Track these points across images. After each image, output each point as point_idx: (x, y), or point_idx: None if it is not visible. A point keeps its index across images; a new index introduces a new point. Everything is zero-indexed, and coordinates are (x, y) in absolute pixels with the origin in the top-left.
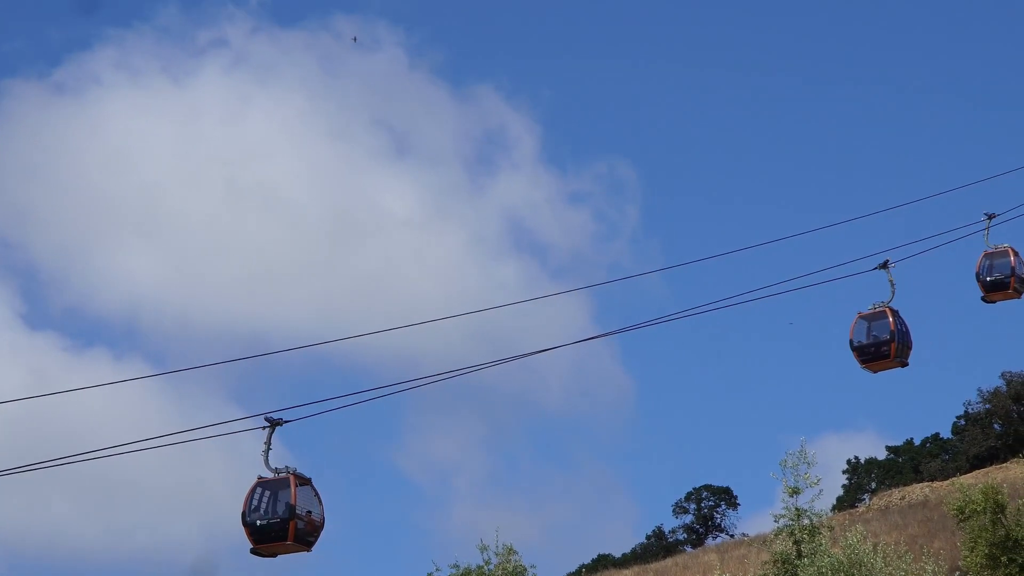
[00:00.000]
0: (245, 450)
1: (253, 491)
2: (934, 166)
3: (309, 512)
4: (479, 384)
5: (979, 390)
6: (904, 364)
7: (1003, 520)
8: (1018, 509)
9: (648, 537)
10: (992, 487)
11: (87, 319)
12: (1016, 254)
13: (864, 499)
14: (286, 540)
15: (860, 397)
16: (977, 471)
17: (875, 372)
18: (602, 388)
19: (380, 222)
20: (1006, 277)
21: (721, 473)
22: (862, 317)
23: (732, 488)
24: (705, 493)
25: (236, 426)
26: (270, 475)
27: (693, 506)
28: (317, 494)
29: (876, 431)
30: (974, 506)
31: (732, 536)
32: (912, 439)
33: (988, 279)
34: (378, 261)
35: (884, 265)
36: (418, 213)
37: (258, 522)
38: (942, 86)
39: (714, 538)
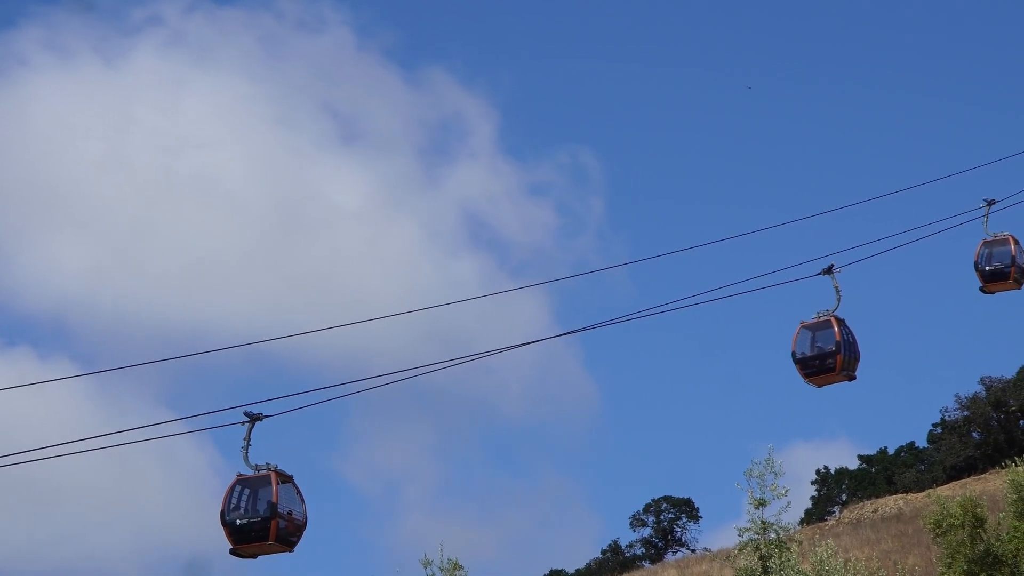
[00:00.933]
0: (182, 458)
1: (232, 489)
2: (919, 158)
3: (291, 511)
4: (433, 387)
5: (957, 396)
6: (851, 378)
7: (982, 535)
8: (998, 523)
9: (604, 552)
10: (971, 500)
11: (12, 315)
12: (1016, 242)
13: (834, 512)
14: (267, 540)
15: (832, 404)
16: (955, 482)
17: (819, 386)
18: (564, 393)
19: (327, 214)
20: (1006, 267)
21: (683, 484)
22: (805, 327)
23: (693, 500)
24: (665, 505)
25: (210, 422)
26: (250, 472)
27: (652, 519)
28: (299, 492)
29: (849, 439)
30: (952, 520)
31: (693, 551)
32: (886, 448)
33: (987, 268)
34: (324, 256)
35: (829, 270)
36: (367, 205)
37: (238, 521)
38: (923, 78)
39: (674, 553)
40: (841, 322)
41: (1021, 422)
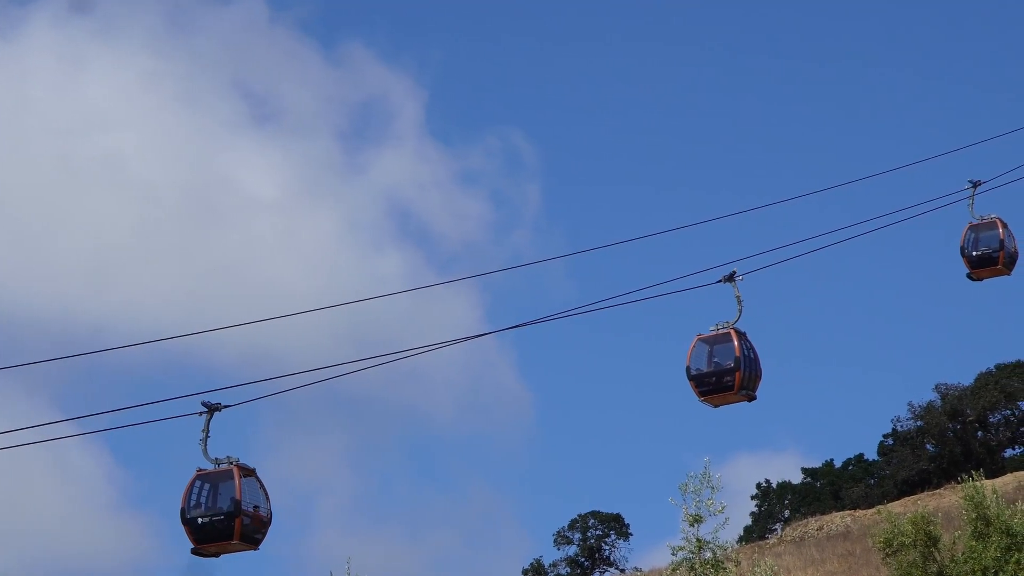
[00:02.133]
0: (72, 461)
1: (192, 485)
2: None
3: (256, 507)
4: (353, 392)
5: (910, 404)
6: (751, 398)
7: (936, 555)
8: (953, 543)
9: (525, 572)
10: (924, 517)
11: None
12: (1005, 226)
13: (776, 529)
14: (231, 539)
15: (781, 413)
16: (907, 498)
17: (716, 406)
18: (496, 399)
19: (239, 202)
20: (994, 251)
21: (612, 498)
22: (702, 340)
23: (623, 515)
24: (592, 521)
25: (172, 411)
26: (210, 467)
27: (578, 535)
28: (263, 486)
29: (798, 451)
30: (903, 538)
31: (623, 570)
32: (832, 461)
33: (974, 254)
34: (237, 247)
35: (731, 277)
36: (283, 192)
37: (199, 519)
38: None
39: (601, 573)
40: (742, 335)
41: (979, 433)
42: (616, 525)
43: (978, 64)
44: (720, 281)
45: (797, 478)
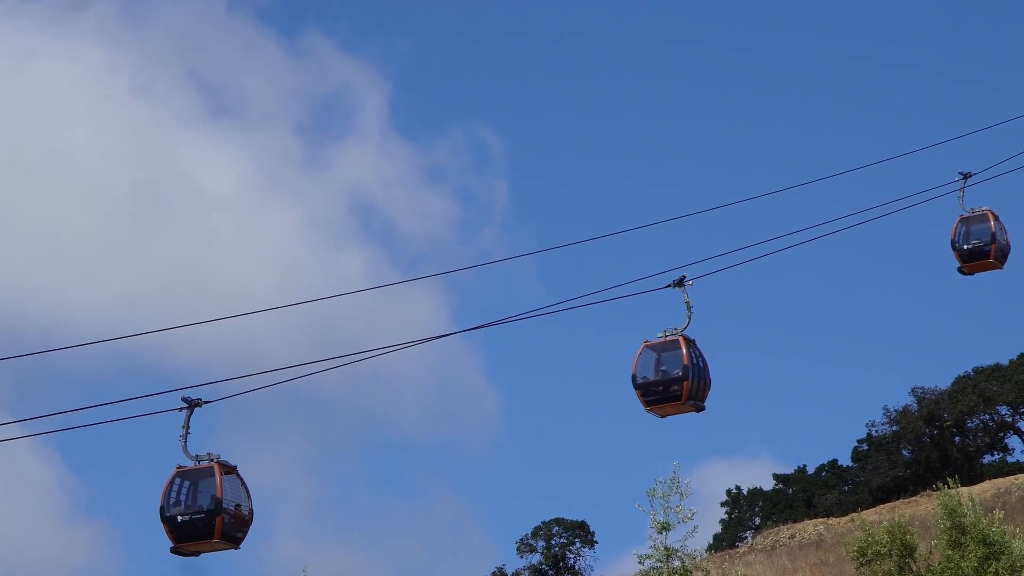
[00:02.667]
0: (20, 464)
1: (172, 482)
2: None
3: (237, 505)
4: (314, 394)
5: (885, 409)
6: (700, 408)
7: (912, 565)
8: (930, 552)
9: None
10: (899, 525)
11: None
12: (996, 218)
13: (746, 537)
14: (212, 537)
15: (752, 417)
16: (882, 505)
17: (663, 416)
18: (462, 403)
19: (195, 198)
20: (985, 245)
21: (577, 504)
22: (649, 347)
23: (588, 522)
24: (556, 528)
25: (153, 406)
26: (190, 464)
27: (541, 543)
28: (244, 484)
29: (771, 457)
30: (878, 547)
31: None
32: (805, 466)
33: (965, 247)
34: (192, 245)
35: (680, 282)
36: (241, 188)
37: (179, 517)
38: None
39: None
40: (691, 343)
41: (957, 439)
42: (581, 532)
43: (968, 55)
44: (669, 286)
45: (769, 484)
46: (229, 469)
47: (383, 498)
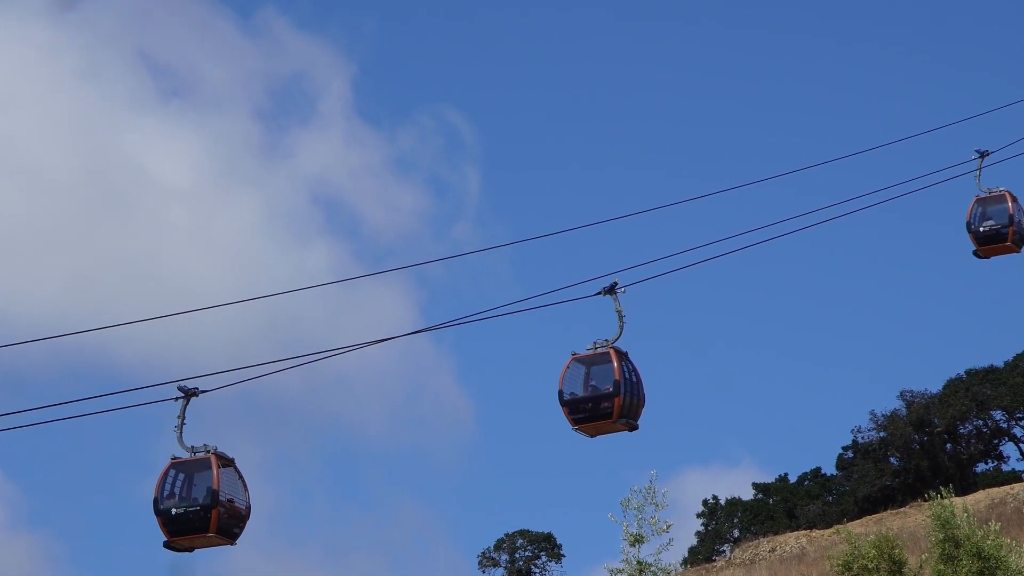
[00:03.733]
0: None
1: (166, 474)
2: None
3: (231, 499)
4: (272, 397)
5: (872, 413)
6: (633, 427)
7: None
8: (920, 566)
9: None
10: (887, 538)
11: None
12: (1015, 200)
13: (724, 550)
14: (207, 531)
15: (732, 421)
16: (868, 517)
17: (592, 436)
18: (431, 408)
19: (144, 188)
20: (1003, 227)
21: (543, 515)
22: (577, 360)
23: (555, 534)
24: (521, 541)
25: (144, 397)
26: (185, 455)
27: (504, 557)
28: (241, 477)
29: (751, 465)
30: (864, 561)
31: None
32: (786, 475)
33: (981, 230)
34: (141, 238)
35: (611, 289)
36: (194, 178)
37: (173, 510)
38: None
39: None
40: (623, 356)
41: (948, 446)
42: (547, 545)
43: (979, 35)
44: (599, 293)
45: (748, 494)
46: (227, 461)
47: (342, 509)
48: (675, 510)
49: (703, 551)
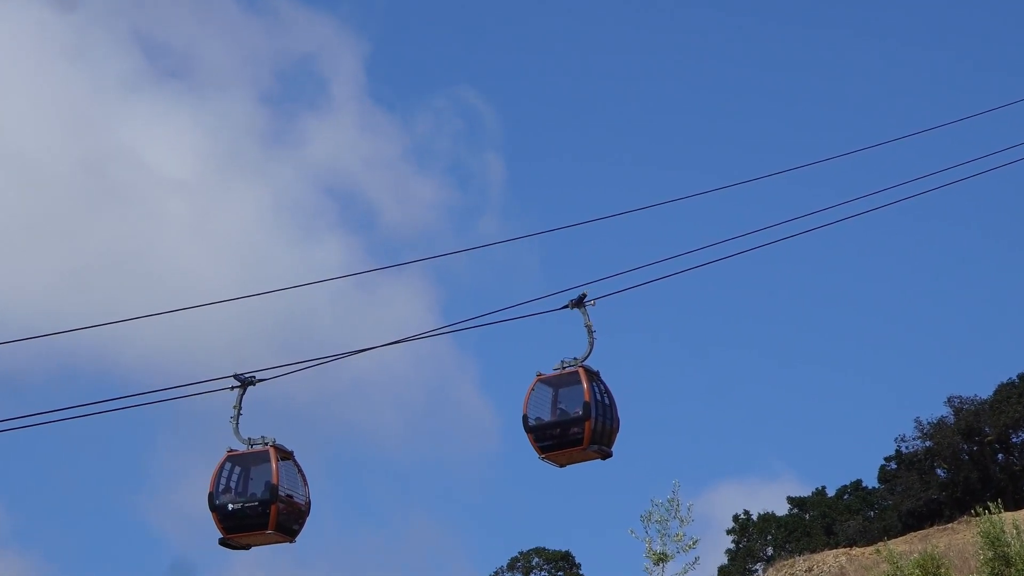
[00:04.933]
0: None
1: (222, 467)
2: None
3: (291, 495)
4: (277, 402)
5: (917, 421)
6: (606, 455)
7: None
8: None
9: None
10: (932, 557)
11: None
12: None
13: (756, 570)
14: (266, 528)
15: (768, 431)
16: (913, 534)
17: (562, 466)
18: (451, 416)
19: (143, 179)
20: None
21: (562, 531)
22: (543, 381)
23: (573, 552)
24: (536, 559)
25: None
26: (242, 447)
27: None
28: (301, 471)
29: (789, 478)
30: None
31: None
32: (823, 488)
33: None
34: (138, 232)
35: (579, 302)
36: (196, 167)
37: (230, 506)
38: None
39: None
40: (593, 376)
41: (999, 456)
42: (565, 564)
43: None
44: (567, 307)
45: (782, 509)
46: (286, 455)
47: (351, 525)
48: (704, 526)
49: (733, 570)
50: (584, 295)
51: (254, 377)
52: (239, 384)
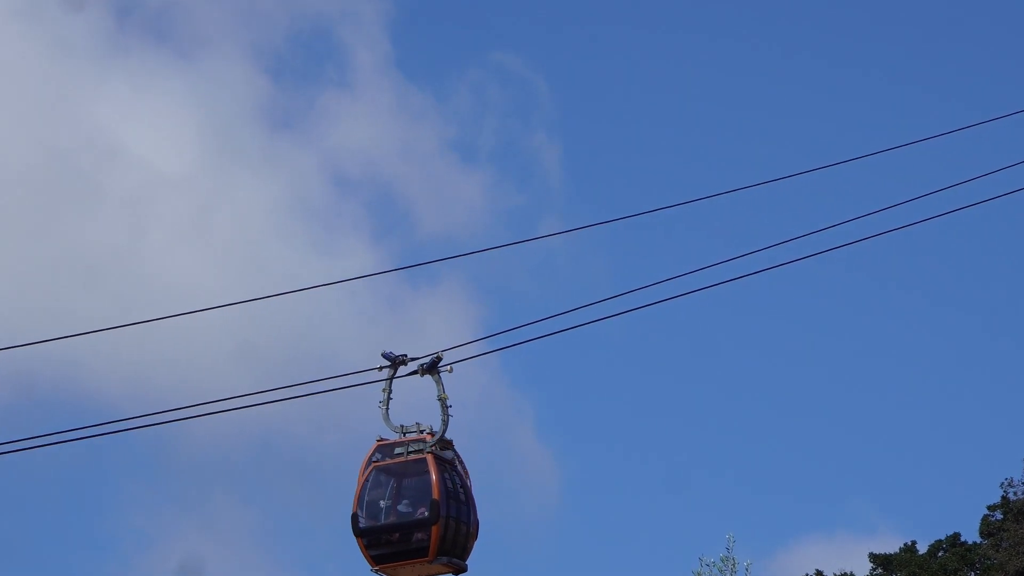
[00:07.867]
0: None
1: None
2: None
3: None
4: (281, 437)
5: None
6: (460, 569)
7: None
8: None
9: None
10: None
11: None
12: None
13: None
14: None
15: (857, 473)
16: None
17: None
18: (499, 458)
19: (124, 171)
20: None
21: None
22: (379, 468)
23: None
24: None
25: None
26: (394, 436)
27: None
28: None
29: (876, 530)
30: None
31: None
32: (914, 543)
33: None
34: (118, 234)
35: (432, 367)
36: (189, 159)
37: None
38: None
39: None
40: (446, 463)
41: None
42: None
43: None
44: (416, 373)
45: (863, 569)
46: (445, 444)
47: None
48: None
49: None
50: (439, 358)
51: (405, 356)
52: (388, 364)
